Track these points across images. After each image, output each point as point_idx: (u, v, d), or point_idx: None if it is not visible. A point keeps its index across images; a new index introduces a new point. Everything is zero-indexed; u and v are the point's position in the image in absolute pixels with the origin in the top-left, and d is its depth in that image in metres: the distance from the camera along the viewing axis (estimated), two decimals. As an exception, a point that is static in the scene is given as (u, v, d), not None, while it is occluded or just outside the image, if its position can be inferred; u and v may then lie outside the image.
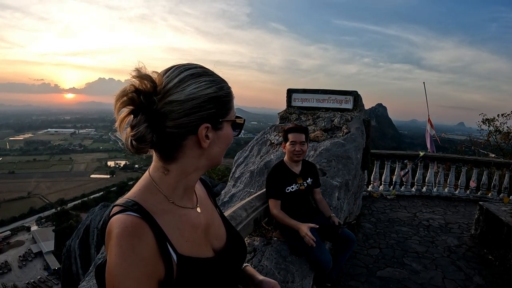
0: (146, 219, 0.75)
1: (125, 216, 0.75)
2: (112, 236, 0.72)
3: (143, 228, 0.74)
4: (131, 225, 0.73)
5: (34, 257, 52.39)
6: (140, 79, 0.76)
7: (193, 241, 0.86)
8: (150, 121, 0.76)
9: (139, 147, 0.77)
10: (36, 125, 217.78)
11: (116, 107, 0.77)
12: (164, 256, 0.75)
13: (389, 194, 7.96)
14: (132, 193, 0.83)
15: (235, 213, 2.69)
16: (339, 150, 4.91)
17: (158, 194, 0.83)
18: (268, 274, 2.54)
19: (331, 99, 6.54)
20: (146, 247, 0.72)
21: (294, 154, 2.98)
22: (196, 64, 0.85)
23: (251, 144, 5.85)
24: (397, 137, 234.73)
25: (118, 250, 0.70)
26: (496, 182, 8.08)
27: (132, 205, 0.77)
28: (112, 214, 0.77)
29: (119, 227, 0.72)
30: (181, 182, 0.86)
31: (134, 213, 0.75)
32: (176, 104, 0.77)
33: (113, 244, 0.71)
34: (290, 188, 2.99)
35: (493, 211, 4.92)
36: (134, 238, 0.72)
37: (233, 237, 1.04)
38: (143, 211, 0.77)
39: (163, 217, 0.80)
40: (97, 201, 55.92)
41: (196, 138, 0.81)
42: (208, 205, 1.04)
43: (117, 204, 0.79)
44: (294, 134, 2.99)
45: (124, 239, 0.71)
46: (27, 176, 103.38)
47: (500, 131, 14.79)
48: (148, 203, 0.80)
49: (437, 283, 3.96)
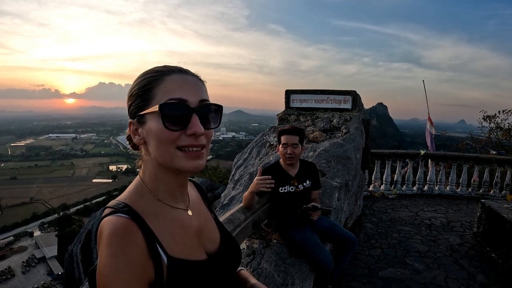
0: (136, 221, 0.76)
1: (115, 218, 0.75)
2: (102, 237, 0.73)
3: (132, 229, 0.74)
4: (120, 227, 0.73)
5: (37, 262, 52.40)
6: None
7: (184, 244, 0.86)
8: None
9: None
10: (37, 130, 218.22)
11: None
12: (154, 257, 0.75)
13: (391, 193, 7.94)
14: (124, 195, 0.84)
15: (233, 216, 2.66)
16: (338, 150, 4.89)
17: (147, 195, 0.84)
18: (267, 277, 2.52)
19: (329, 100, 6.52)
20: (136, 249, 0.72)
21: (286, 158, 2.91)
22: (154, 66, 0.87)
23: (251, 146, 5.84)
24: (398, 136, 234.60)
25: (108, 251, 0.70)
26: (498, 180, 8.04)
27: (122, 207, 0.78)
28: (103, 216, 0.78)
29: (109, 229, 0.73)
30: (159, 183, 0.86)
31: (124, 215, 0.76)
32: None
33: (104, 245, 0.72)
34: (283, 189, 2.93)
35: (496, 209, 4.88)
36: (123, 239, 0.72)
37: (227, 241, 1.03)
38: (133, 213, 0.77)
39: (154, 219, 0.81)
40: (100, 205, 56.00)
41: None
42: (202, 209, 1.04)
43: (108, 206, 0.80)
44: (286, 136, 2.91)
45: (114, 240, 0.71)
46: (29, 182, 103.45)
47: (501, 128, 14.73)
48: (139, 204, 0.81)
49: (440, 283, 3.93)
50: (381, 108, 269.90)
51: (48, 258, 50.94)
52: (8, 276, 48.12)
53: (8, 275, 48.32)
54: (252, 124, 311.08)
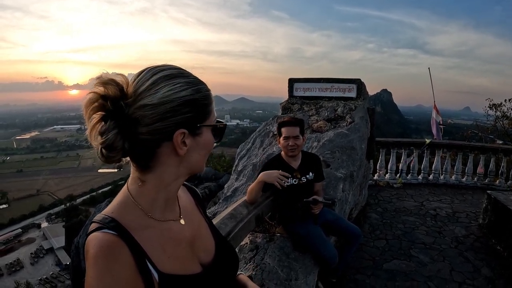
0: (123, 237, 0.70)
1: (101, 235, 0.70)
2: (88, 257, 0.68)
3: (119, 247, 0.69)
4: (106, 245, 0.68)
5: (45, 253, 53.35)
6: (104, 85, 0.70)
7: (176, 257, 0.80)
8: (120, 128, 0.70)
9: (109, 155, 0.72)
10: (42, 123, 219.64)
11: (86, 114, 0.71)
12: (143, 275, 0.70)
13: (395, 182, 7.87)
14: (110, 208, 0.77)
15: (235, 211, 2.61)
16: (343, 140, 4.81)
17: (135, 209, 0.77)
18: (271, 272, 2.49)
19: (334, 88, 6.41)
20: (123, 267, 0.68)
21: (288, 150, 2.83)
22: (171, 65, 0.78)
23: (254, 136, 5.77)
24: (402, 122, 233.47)
25: (94, 272, 0.66)
26: (504, 169, 7.93)
27: (109, 222, 0.72)
28: (89, 232, 0.72)
29: (94, 247, 0.68)
30: (160, 193, 0.80)
31: (111, 231, 0.70)
32: (148, 108, 0.71)
33: (89, 265, 0.67)
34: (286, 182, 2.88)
35: (502, 200, 4.81)
36: (109, 258, 0.67)
37: (222, 249, 0.98)
38: (120, 228, 0.72)
39: (143, 233, 0.75)
40: (106, 195, 56.63)
41: (172, 145, 0.75)
42: (195, 215, 0.97)
43: (94, 221, 0.74)
44: (287, 128, 2.83)
45: (100, 260, 0.67)
46: (35, 174, 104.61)
47: (507, 117, 14.55)
48: (126, 219, 0.74)
49: (445, 276, 3.89)
50: (386, 94, 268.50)
51: (56, 249, 51.81)
52: (17, 268, 49.06)
53: (17, 266, 49.28)
54: (256, 111, 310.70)
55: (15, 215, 69.75)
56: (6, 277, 46.17)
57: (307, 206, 2.80)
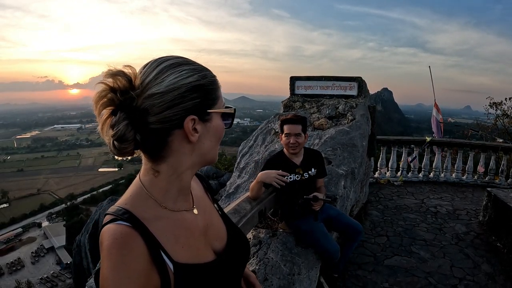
0: (137, 228, 0.72)
1: (115, 226, 0.71)
2: (103, 248, 0.69)
3: (133, 238, 0.70)
4: (120, 236, 0.69)
5: (46, 252, 53.35)
6: (113, 77, 0.71)
7: (190, 247, 0.82)
8: (130, 119, 0.72)
9: (121, 147, 0.72)
10: (43, 122, 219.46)
11: (96, 110, 0.73)
12: (158, 266, 0.71)
13: (396, 180, 7.90)
14: (123, 200, 0.78)
15: (239, 206, 2.65)
16: (344, 138, 4.84)
17: (149, 199, 0.78)
18: (274, 267, 2.52)
19: (335, 86, 6.44)
20: (137, 258, 0.69)
21: (289, 147, 2.85)
22: (175, 55, 0.80)
23: (256, 134, 5.79)
24: (403, 121, 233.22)
25: (109, 263, 0.67)
26: (504, 167, 7.96)
27: (122, 213, 0.73)
28: (104, 224, 0.74)
29: (108, 239, 0.69)
30: (174, 183, 0.81)
31: (125, 222, 0.71)
32: (156, 97, 0.72)
33: (104, 256, 0.68)
34: (289, 178, 2.86)
35: (502, 197, 4.83)
36: (124, 249, 0.68)
37: (234, 235, 0.99)
38: (134, 219, 0.73)
39: (156, 224, 0.76)
40: (106, 194, 56.58)
41: (183, 132, 0.76)
42: (206, 203, 0.99)
43: (108, 213, 0.76)
44: (289, 125, 2.83)
45: (114, 252, 0.68)
46: (36, 173, 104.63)
47: (508, 115, 14.55)
48: (139, 210, 0.76)
49: (445, 272, 3.92)
50: (386, 93, 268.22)
51: (57, 248, 51.80)
52: (18, 267, 49.05)
53: (18, 266, 49.26)
54: (256, 110, 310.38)
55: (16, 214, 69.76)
56: (7, 276, 46.17)
57: (307, 202, 2.83)
